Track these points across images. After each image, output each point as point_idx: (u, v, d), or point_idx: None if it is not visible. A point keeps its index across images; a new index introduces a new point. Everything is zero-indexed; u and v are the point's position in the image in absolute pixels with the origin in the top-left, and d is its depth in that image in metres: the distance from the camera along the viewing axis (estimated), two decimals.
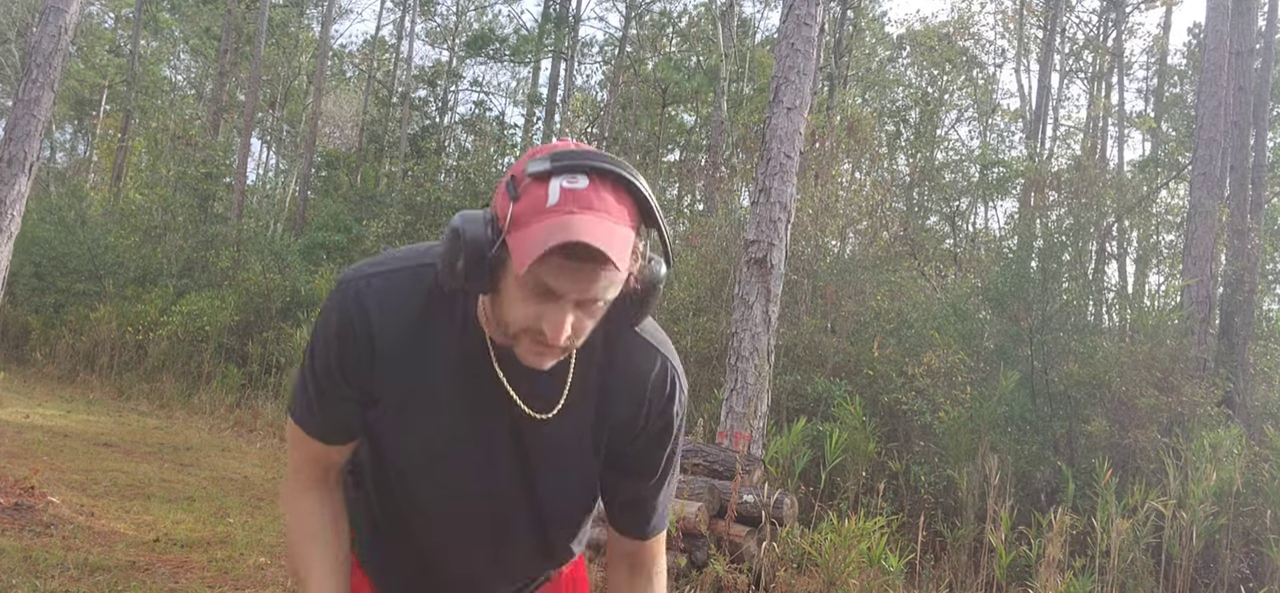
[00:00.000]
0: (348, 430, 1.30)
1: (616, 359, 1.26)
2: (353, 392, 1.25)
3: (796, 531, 5.51)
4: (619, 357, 1.26)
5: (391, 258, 1.25)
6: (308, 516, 1.32)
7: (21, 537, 4.71)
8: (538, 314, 1.08)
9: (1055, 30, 20.27)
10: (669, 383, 1.28)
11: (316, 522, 1.32)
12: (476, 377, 1.23)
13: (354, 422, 1.28)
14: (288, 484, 1.35)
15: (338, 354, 1.22)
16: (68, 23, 6.54)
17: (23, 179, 6.36)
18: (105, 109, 24.67)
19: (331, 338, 1.22)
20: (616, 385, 1.26)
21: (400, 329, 1.21)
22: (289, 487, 1.34)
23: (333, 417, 1.28)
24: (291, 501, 1.34)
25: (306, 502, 1.32)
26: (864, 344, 8.82)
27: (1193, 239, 9.27)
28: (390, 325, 1.21)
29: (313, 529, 1.32)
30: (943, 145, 19.39)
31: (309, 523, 1.32)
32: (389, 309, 1.21)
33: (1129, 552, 5.60)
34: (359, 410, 1.27)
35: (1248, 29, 10.12)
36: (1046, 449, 7.22)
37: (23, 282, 13.78)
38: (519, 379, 1.22)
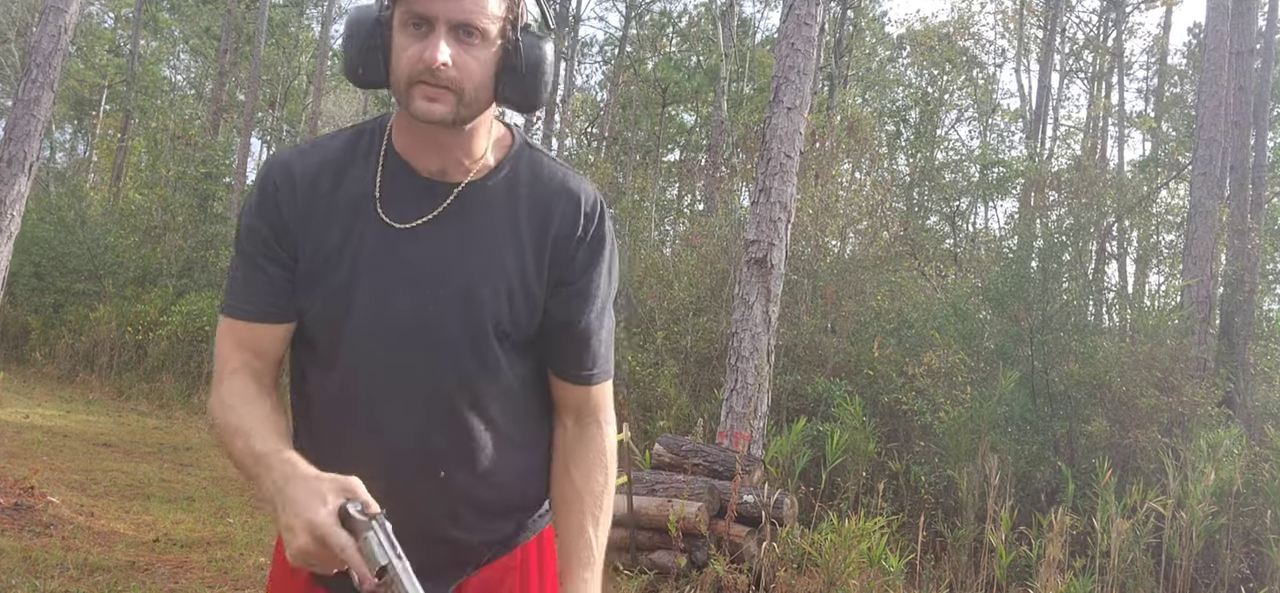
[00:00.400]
0: (276, 302, 1.28)
1: (542, 177, 1.33)
2: (278, 250, 1.28)
3: (796, 531, 5.51)
4: (544, 175, 1.33)
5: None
6: (236, 391, 1.27)
7: (21, 537, 4.71)
8: (419, 51, 1.19)
9: (1055, 30, 20.28)
10: (599, 204, 1.35)
11: (245, 394, 1.26)
12: (366, 201, 1.28)
13: (282, 292, 1.28)
14: (213, 387, 1.30)
15: (257, 207, 1.29)
16: (67, 23, 6.54)
17: (22, 179, 6.35)
18: (105, 109, 24.68)
19: (253, 200, 1.30)
20: (548, 199, 1.31)
21: (318, 174, 1.29)
22: (214, 387, 1.30)
23: (260, 286, 1.28)
24: (217, 388, 1.29)
25: (236, 381, 1.28)
26: (864, 344, 8.82)
27: (1193, 239, 9.27)
28: (309, 172, 1.29)
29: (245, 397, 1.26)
30: (943, 145, 19.38)
31: (238, 396, 1.26)
32: (307, 160, 1.31)
33: (1129, 552, 5.60)
34: (285, 276, 1.28)
35: (1248, 29, 10.12)
36: (1046, 449, 7.22)
37: (22, 282, 13.77)
38: (392, 198, 1.27)
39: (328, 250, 1.27)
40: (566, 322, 1.34)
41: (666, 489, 5.39)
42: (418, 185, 1.29)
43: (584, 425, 1.39)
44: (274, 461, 1.17)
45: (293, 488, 1.12)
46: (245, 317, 1.29)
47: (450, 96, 1.20)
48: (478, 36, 1.20)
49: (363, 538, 1.09)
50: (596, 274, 1.35)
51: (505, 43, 1.24)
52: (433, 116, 1.21)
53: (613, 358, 1.42)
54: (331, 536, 1.08)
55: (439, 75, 1.19)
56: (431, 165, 1.29)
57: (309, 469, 1.15)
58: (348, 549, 1.07)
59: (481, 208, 1.30)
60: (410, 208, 1.28)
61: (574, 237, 1.32)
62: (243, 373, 1.29)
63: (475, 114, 1.25)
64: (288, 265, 1.28)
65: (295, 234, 1.28)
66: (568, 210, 1.32)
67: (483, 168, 1.31)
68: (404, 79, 1.21)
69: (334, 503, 1.10)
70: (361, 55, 1.25)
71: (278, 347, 1.32)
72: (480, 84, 1.22)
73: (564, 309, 1.33)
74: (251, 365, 1.30)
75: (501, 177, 1.31)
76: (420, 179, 1.29)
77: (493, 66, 1.23)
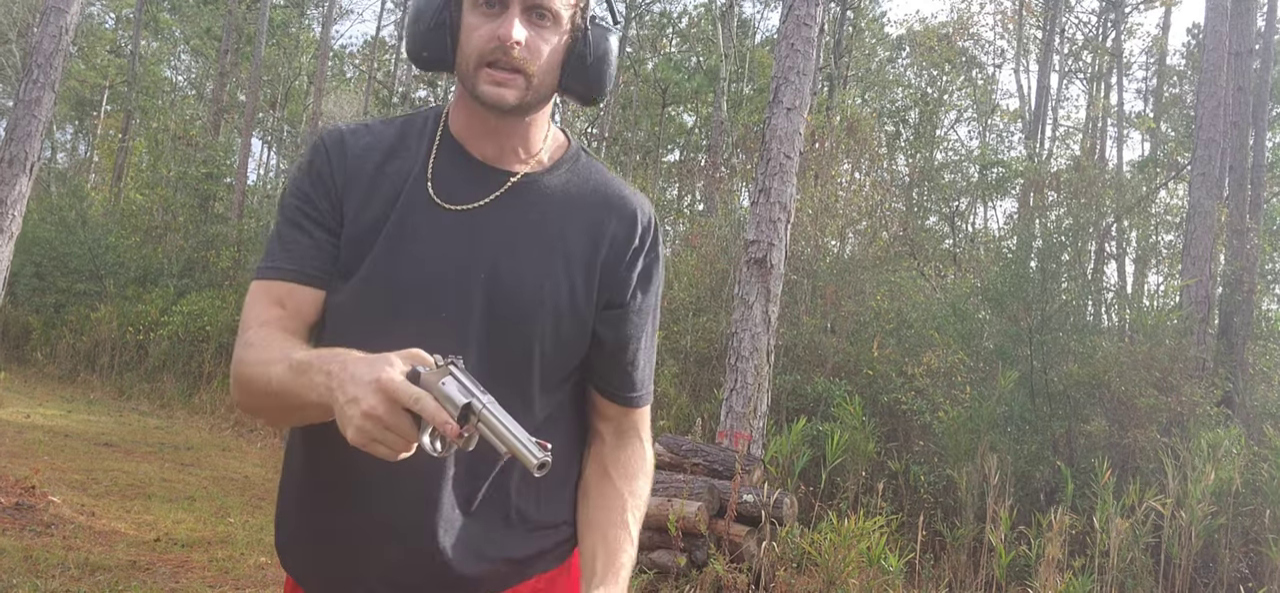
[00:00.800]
0: (316, 264, 1.22)
1: (599, 184, 1.29)
2: (322, 212, 1.23)
3: (796, 530, 5.52)
4: (600, 183, 1.30)
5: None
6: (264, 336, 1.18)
7: (22, 536, 4.72)
8: (491, 30, 1.16)
9: (1054, 31, 20.28)
10: (654, 220, 1.32)
11: (274, 337, 1.18)
12: (419, 183, 1.24)
13: (325, 254, 1.22)
14: (238, 340, 1.21)
15: (307, 168, 1.25)
16: (68, 23, 6.55)
17: (24, 179, 6.37)
18: (106, 109, 24.68)
19: (303, 162, 1.27)
20: (605, 205, 1.28)
21: (368, 149, 1.26)
22: (240, 337, 1.21)
23: (302, 246, 1.22)
24: (242, 339, 1.20)
25: (264, 330, 1.19)
26: (864, 344, 8.83)
27: (1192, 239, 9.27)
28: (360, 145, 1.26)
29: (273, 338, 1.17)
30: (942, 146, 19.40)
31: (266, 337, 1.17)
32: (359, 136, 1.28)
33: (1128, 552, 5.61)
34: (329, 240, 1.22)
35: (1247, 29, 10.13)
36: (1046, 449, 7.23)
37: (24, 282, 13.79)
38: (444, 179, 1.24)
39: (366, 223, 1.22)
40: (616, 342, 1.29)
41: (666, 489, 5.41)
42: (471, 168, 1.25)
43: (624, 438, 1.34)
44: (323, 354, 1.06)
45: (355, 365, 1.00)
46: (283, 276, 1.23)
47: (520, 80, 1.18)
48: (550, 19, 1.18)
49: (438, 386, 0.98)
50: (650, 294, 1.31)
51: (574, 31, 1.21)
52: (501, 102, 1.18)
53: (652, 385, 1.37)
54: (402, 389, 0.96)
55: (511, 55, 1.16)
56: (487, 151, 1.26)
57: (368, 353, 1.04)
58: (423, 399, 0.96)
59: (535, 204, 1.25)
60: (461, 189, 1.24)
61: (629, 250, 1.27)
62: (273, 325, 1.20)
63: (540, 103, 1.23)
64: (331, 229, 1.23)
65: (340, 201, 1.24)
66: (623, 224, 1.27)
67: (538, 164, 1.28)
68: (474, 59, 1.18)
69: (402, 365, 1.00)
70: (428, 33, 1.21)
71: (312, 311, 1.23)
72: (548, 69, 1.20)
73: (615, 329, 1.28)
74: (283, 323, 1.21)
75: (557, 177, 1.28)
76: (475, 162, 1.26)
77: (561, 54, 1.21)
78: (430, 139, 1.28)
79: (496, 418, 0.96)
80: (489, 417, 0.96)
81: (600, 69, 1.24)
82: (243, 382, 1.17)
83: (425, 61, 1.24)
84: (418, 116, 1.31)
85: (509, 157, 1.26)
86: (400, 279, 1.20)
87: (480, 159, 1.26)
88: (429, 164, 1.25)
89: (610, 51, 1.24)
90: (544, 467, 0.96)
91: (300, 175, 1.26)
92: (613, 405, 1.33)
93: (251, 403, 1.18)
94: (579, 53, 1.21)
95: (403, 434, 0.97)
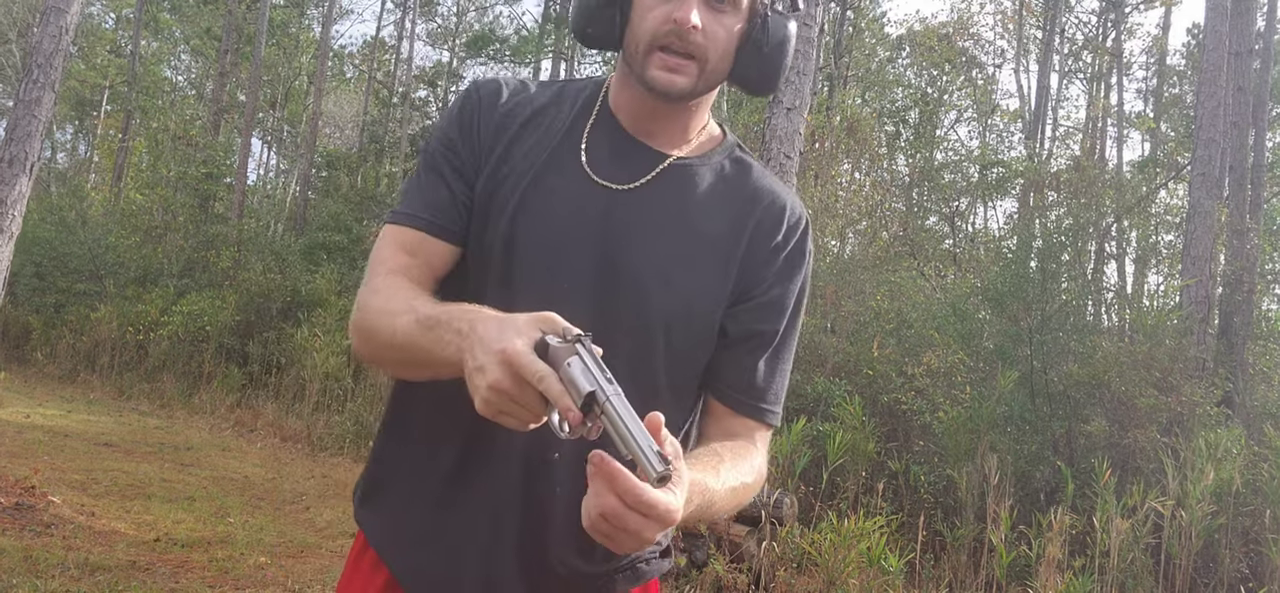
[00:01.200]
0: (453, 216, 1.18)
1: (750, 175, 1.24)
2: (464, 161, 1.19)
3: (796, 530, 5.52)
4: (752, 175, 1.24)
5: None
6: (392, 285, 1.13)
7: (22, 537, 4.72)
8: (667, 11, 1.09)
9: (1054, 31, 20.28)
10: (805, 220, 1.25)
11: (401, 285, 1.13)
12: (570, 153, 1.19)
13: (461, 207, 1.18)
14: (364, 284, 1.17)
15: (457, 114, 1.21)
16: (68, 23, 6.54)
17: (24, 179, 6.36)
18: (106, 109, 24.68)
19: (454, 107, 1.23)
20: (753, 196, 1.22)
21: (524, 103, 1.21)
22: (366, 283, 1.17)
23: (440, 196, 1.18)
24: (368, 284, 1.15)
25: (392, 279, 1.14)
26: (864, 344, 8.83)
27: (1192, 239, 9.27)
28: (514, 97, 1.22)
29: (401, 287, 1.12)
30: (942, 146, 19.40)
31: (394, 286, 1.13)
32: (517, 90, 1.23)
33: (1129, 552, 5.60)
34: (466, 193, 1.18)
35: (1247, 29, 10.12)
36: (1046, 449, 7.22)
37: (24, 282, 13.79)
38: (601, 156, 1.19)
39: (502, 179, 1.18)
40: (742, 337, 1.19)
41: None
42: (627, 145, 1.20)
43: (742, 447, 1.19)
44: (454, 310, 1.01)
45: (484, 327, 0.95)
46: (417, 224, 1.17)
47: (692, 67, 1.12)
48: (729, 3, 1.12)
49: (564, 366, 0.90)
50: (790, 290, 1.22)
51: (753, 16, 1.15)
52: (671, 89, 1.12)
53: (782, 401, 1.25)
54: (528, 364, 0.90)
55: (688, 39, 1.10)
56: (642, 130, 1.20)
57: (498, 312, 0.99)
58: (547, 379, 0.89)
59: (682, 191, 1.19)
60: (613, 166, 1.18)
61: (772, 243, 1.20)
62: (401, 275, 1.15)
63: (710, 89, 1.17)
64: (470, 181, 1.19)
65: (481, 152, 1.19)
66: (770, 215, 1.21)
67: (695, 148, 1.22)
68: (645, 41, 1.11)
69: (531, 334, 0.93)
70: (596, 9, 1.15)
71: (442, 264, 1.18)
72: (723, 55, 1.14)
73: (748, 322, 1.19)
74: (411, 273, 1.15)
75: (710, 167, 1.22)
76: (631, 140, 1.20)
77: (737, 40, 1.14)
78: (587, 110, 1.22)
79: (619, 414, 0.87)
80: (611, 411, 0.88)
81: (777, 58, 1.16)
82: (364, 330, 1.12)
83: (589, 38, 1.18)
84: (575, 84, 1.26)
85: (665, 139, 1.20)
86: (529, 242, 1.15)
87: (635, 136, 1.20)
88: (584, 135, 1.20)
89: (789, 40, 1.17)
90: (665, 480, 0.87)
91: (449, 120, 1.22)
92: (735, 419, 1.21)
93: (371, 352, 1.14)
94: (755, 40, 1.15)
95: (530, 409, 0.92)
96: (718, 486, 1.08)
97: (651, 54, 1.11)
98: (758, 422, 1.22)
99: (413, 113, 22.14)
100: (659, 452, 0.87)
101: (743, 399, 1.21)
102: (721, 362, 1.21)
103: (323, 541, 5.70)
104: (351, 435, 9.18)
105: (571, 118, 1.21)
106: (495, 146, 1.19)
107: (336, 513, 6.44)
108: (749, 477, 1.17)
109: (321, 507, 6.62)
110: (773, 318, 1.21)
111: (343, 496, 7.10)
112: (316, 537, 5.78)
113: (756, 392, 1.21)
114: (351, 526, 6.09)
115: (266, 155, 29.52)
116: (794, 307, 1.23)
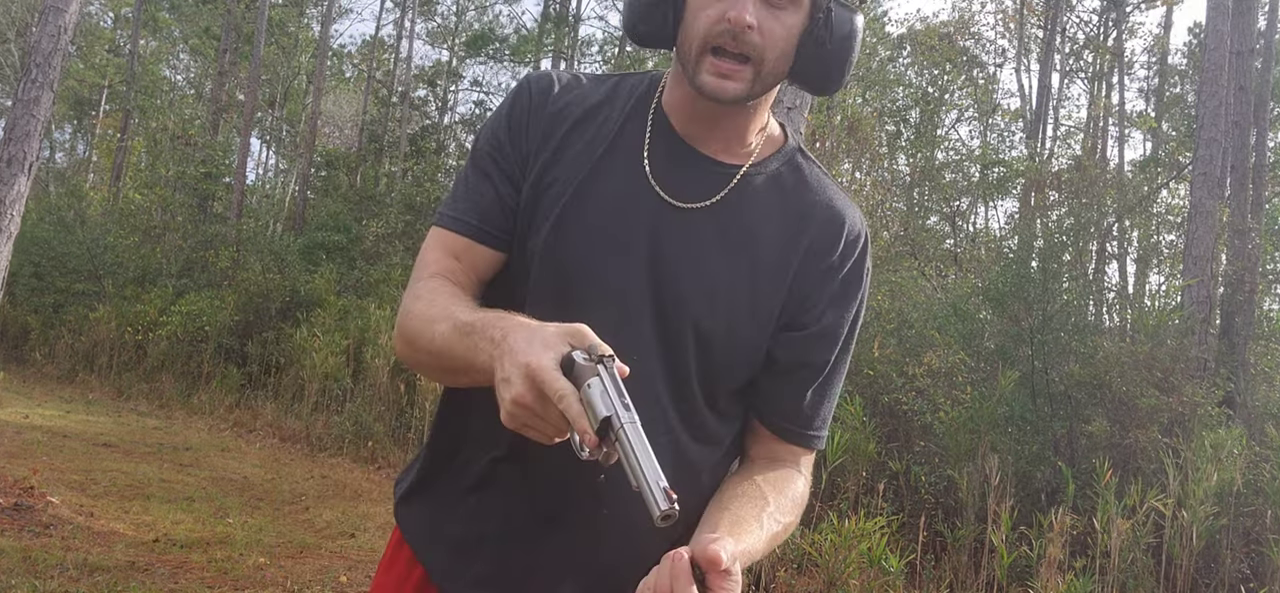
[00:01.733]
0: (499, 220, 1.15)
1: (808, 185, 1.17)
2: (512, 162, 1.15)
3: (796, 531, 5.51)
4: (811, 184, 1.18)
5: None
6: (435, 288, 1.12)
7: (21, 537, 4.71)
8: (721, 10, 1.03)
9: (1056, 30, 20.27)
10: (864, 236, 1.18)
11: (444, 290, 1.11)
12: (630, 161, 1.14)
13: (507, 211, 1.15)
14: (409, 286, 1.16)
15: (508, 112, 1.17)
16: (67, 22, 6.53)
17: (22, 179, 6.35)
18: (105, 109, 24.67)
19: (506, 104, 1.19)
20: (809, 210, 1.15)
21: (576, 101, 1.17)
22: (411, 285, 1.16)
23: (487, 200, 1.15)
24: (412, 288, 1.14)
25: (435, 282, 1.13)
26: (864, 344, 8.81)
27: (1193, 239, 9.26)
28: (567, 94, 1.17)
29: (443, 291, 1.11)
30: (943, 145, 19.38)
31: (435, 290, 1.11)
32: (569, 86, 1.18)
33: (1129, 552, 5.59)
34: (513, 195, 1.15)
35: (1248, 29, 10.11)
36: (1047, 449, 7.21)
37: (22, 282, 13.77)
38: (665, 169, 1.13)
39: (549, 183, 1.14)
40: (791, 364, 1.15)
41: None
42: (686, 155, 1.14)
43: (780, 467, 1.18)
44: (489, 318, 1.01)
45: (515, 337, 0.94)
46: (463, 229, 1.15)
47: (747, 72, 1.06)
48: (789, 0, 1.06)
49: (585, 387, 0.89)
50: (845, 317, 1.17)
51: (815, 10, 1.08)
52: (722, 95, 1.06)
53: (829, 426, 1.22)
54: (551, 381, 0.88)
55: (743, 39, 1.04)
56: (695, 133, 1.14)
57: (532, 320, 0.97)
58: (567, 398, 0.88)
59: (735, 204, 1.14)
60: (679, 182, 1.13)
61: (827, 263, 1.15)
62: (444, 279, 1.13)
63: (767, 91, 1.11)
64: (518, 184, 1.15)
65: (531, 152, 1.15)
66: (827, 229, 1.15)
67: (748, 156, 1.16)
68: (698, 42, 1.06)
69: (559, 348, 0.91)
70: (648, 7, 1.09)
71: (488, 269, 1.16)
72: (781, 55, 1.07)
73: (791, 350, 1.15)
74: (455, 276, 1.14)
75: (766, 176, 1.16)
76: (689, 149, 1.14)
77: (797, 37, 1.07)
78: (641, 109, 1.17)
79: (630, 443, 0.86)
80: (624, 438, 0.86)
81: (842, 54, 1.10)
82: (407, 335, 1.12)
83: (641, 36, 1.12)
84: (630, 79, 1.21)
85: (721, 145, 1.15)
86: (576, 247, 1.12)
87: (698, 148, 1.14)
88: (646, 141, 1.14)
89: (854, 34, 1.10)
90: (667, 519, 0.84)
91: (499, 119, 1.18)
92: (779, 445, 1.18)
93: (414, 358, 1.13)
94: (817, 37, 1.08)
95: (553, 424, 0.91)
96: (761, 541, 1.08)
97: (704, 57, 1.06)
98: (803, 448, 1.20)
99: (412, 112, 22.13)
100: (665, 490, 0.85)
101: (788, 428, 1.19)
102: (769, 388, 1.17)
103: (322, 541, 5.68)
104: (351, 436, 9.17)
105: (624, 117, 1.16)
106: (544, 148, 1.15)
107: (336, 513, 6.42)
108: (789, 514, 1.15)
109: (321, 507, 6.60)
110: (825, 348, 1.17)
111: (342, 496, 7.08)
112: (316, 537, 5.76)
113: (803, 420, 1.19)
114: (351, 526, 6.09)
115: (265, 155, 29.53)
116: (848, 333, 1.19)
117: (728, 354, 1.13)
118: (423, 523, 1.24)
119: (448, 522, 1.20)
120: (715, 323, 1.11)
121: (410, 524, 1.25)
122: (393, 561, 1.26)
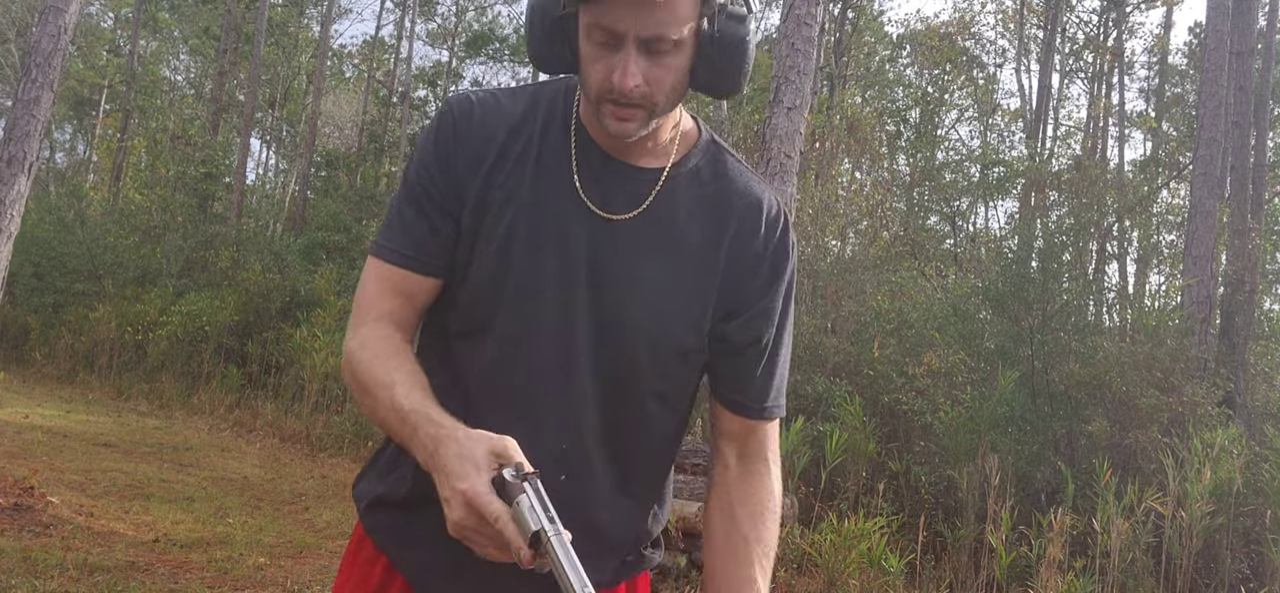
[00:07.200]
0: (435, 251, 1.19)
1: (726, 176, 1.23)
2: (445, 192, 1.19)
3: (796, 531, 5.51)
4: (728, 174, 1.23)
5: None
6: (381, 338, 1.17)
7: (21, 537, 4.71)
8: (608, 67, 1.09)
9: (1056, 30, 20.27)
10: (782, 213, 1.25)
11: (390, 344, 1.16)
12: (559, 177, 1.19)
13: (444, 241, 1.19)
14: (351, 328, 1.20)
15: (435, 141, 1.20)
16: (67, 23, 6.53)
17: (22, 179, 6.35)
18: (105, 109, 24.67)
19: (430, 134, 1.22)
20: (729, 201, 1.22)
21: (498, 122, 1.20)
22: (354, 328, 1.20)
23: (421, 231, 1.19)
24: (357, 331, 1.18)
25: (381, 328, 1.18)
26: (864, 344, 8.82)
27: (1193, 239, 9.26)
28: (489, 115, 1.21)
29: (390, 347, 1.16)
30: (943, 145, 19.38)
31: (382, 343, 1.16)
32: (489, 107, 1.22)
33: (1129, 552, 5.60)
34: (449, 225, 1.19)
35: (1248, 29, 10.11)
36: (1047, 449, 7.21)
37: (22, 282, 13.78)
38: (594, 183, 1.19)
39: (487, 206, 1.18)
40: (745, 344, 1.23)
41: None
42: (613, 169, 1.19)
43: (749, 463, 1.26)
44: (421, 421, 1.06)
45: (444, 452, 1.01)
46: (400, 262, 1.19)
47: (641, 113, 1.11)
48: (669, 46, 1.09)
49: (515, 503, 0.97)
50: (777, 292, 1.24)
51: (699, 37, 1.12)
52: (625, 135, 1.13)
53: (784, 395, 1.29)
54: (486, 507, 0.96)
55: (630, 97, 1.09)
56: (620, 147, 1.19)
57: (458, 429, 1.03)
58: (501, 519, 0.96)
59: (668, 208, 1.19)
60: (608, 194, 1.18)
61: (752, 250, 1.21)
62: (387, 322, 1.18)
63: (667, 113, 1.16)
64: (453, 214, 1.19)
65: (461, 181, 1.19)
66: (748, 217, 1.22)
67: (672, 156, 1.22)
68: (593, 91, 1.12)
69: (490, 468, 0.98)
70: (545, 46, 1.15)
71: (426, 298, 1.21)
72: (673, 89, 1.12)
73: (743, 331, 1.22)
74: (396, 315, 1.19)
75: (689, 172, 1.22)
76: (615, 162, 1.20)
77: (686, 67, 1.13)
78: (564, 124, 1.21)
79: (558, 554, 0.95)
80: (553, 549, 0.95)
81: (733, 62, 1.14)
82: (354, 386, 1.18)
83: (545, 66, 1.18)
84: (546, 91, 1.24)
85: (641, 152, 1.20)
86: (516, 269, 1.17)
87: (611, 153, 1.20)
88: (572, 156, 1.19)
89: (744, 41, 1.13)
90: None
91: (427, 148, 1.21)
92: (736, 420, 1.26)
93: (360, 400, 1.18)
94: (707, 56, 1.12)
95: (493, 542, 0.98)
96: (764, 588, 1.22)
97: (603, 103, 1.11)
98: (762, 420, 1.27)
99: (412, 112, 22.13)
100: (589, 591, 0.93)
101: (745, 403, 1.26)
102: (720, 370, 1.25)
103: (322, 541, 5.68)
104: (350, 436, 9.17)
105: (547, 132, 1.21)
106: (476, 174, 1.19)
107: (335, 513, 6.42)
108: (771, 528, 1.25)
109: (320, 507, 6.60)
110: (763, 327, 1.24)
111: (342, 496, 7.08)
112: (315, 537, 5.77)
113: (756, 393, 1.26)
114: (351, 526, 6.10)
115: (265, 155, 29.54)
116: (783, 306, 1.25)
117: (671, 354, 1.21)
118: (388, 524, 1.27)
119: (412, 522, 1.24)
120: (656, 328, 1.18)
121: (375, 524, 1.29)
122: (355, 555, 1.30)
